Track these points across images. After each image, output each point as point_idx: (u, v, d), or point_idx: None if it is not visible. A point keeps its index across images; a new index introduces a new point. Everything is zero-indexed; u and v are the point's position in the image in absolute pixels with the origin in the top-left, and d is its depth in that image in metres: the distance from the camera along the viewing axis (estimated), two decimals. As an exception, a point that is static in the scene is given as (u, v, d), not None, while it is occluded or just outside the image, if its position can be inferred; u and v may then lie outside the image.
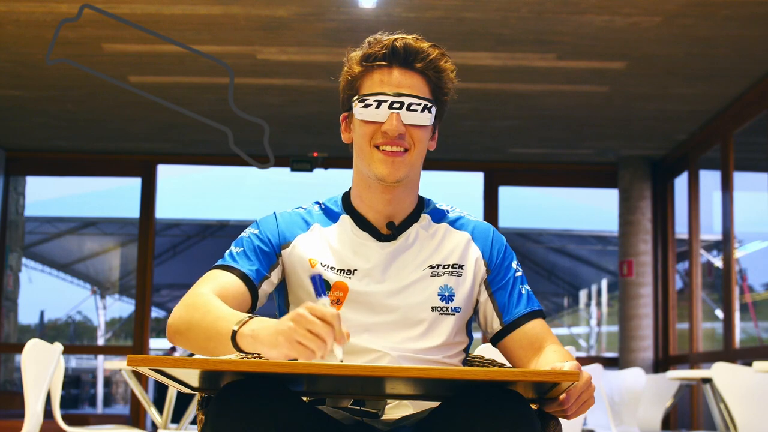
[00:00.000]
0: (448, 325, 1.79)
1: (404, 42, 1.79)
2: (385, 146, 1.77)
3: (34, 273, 14.27)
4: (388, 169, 1.77)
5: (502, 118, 7.01)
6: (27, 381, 3.55)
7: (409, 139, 1.78)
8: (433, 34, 5.29)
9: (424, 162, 1.88)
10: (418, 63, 1.79)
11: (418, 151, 1.80)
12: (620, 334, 7.90)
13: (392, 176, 1.78)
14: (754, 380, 3.87)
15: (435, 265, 1.82)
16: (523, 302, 1.86)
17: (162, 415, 4.72)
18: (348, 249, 1.82)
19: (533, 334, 1.83)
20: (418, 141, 1.79)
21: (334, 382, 1.53)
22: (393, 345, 1.75)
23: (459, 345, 1.84)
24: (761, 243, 8.42)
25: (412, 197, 1.88)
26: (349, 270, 1.80)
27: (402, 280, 1.80)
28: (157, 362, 1.38)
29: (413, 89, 1.78)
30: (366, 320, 1.76)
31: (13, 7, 5.01)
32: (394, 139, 1.77)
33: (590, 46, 5.50)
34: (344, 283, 1.78)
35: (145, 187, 8.16)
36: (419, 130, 1.79)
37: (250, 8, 5.04)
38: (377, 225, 1.85)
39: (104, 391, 16.06)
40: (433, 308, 1.79)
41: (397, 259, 1.82)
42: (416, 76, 1.79)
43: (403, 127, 1.77)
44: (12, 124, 7.42)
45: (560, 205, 13.36)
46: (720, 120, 6.70)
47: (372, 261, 1.80)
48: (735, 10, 4.92)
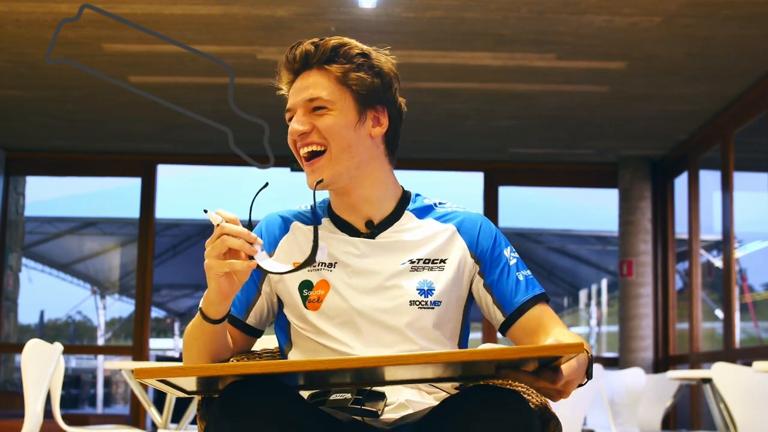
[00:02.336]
0: (428, 319, 1.78)
1: (301, 48, 1.81)
2: (301, 149, 1.79)
3: (34, 273, 14.28)
4: (310, 177, 1.79)
5: (502, 118, 7.00)
6: (27, 381, 3.55)
7: (317, 134, 1.77)
8: (433, 34, 5.33)
9: (423, 162, 1.87)
10: (313, 61, 1.79)
11: (336, 145, 1.77)
12: (620, 334, 7.90)
13: (312, 183, 1.78)
14: (754, 380, 3.87)
15: (415, 260, 1.80)
16: (521, 289, 1.82)
17: (162, 415, 4.72)
18: (328, 243, 1.82)
19: (537, 320, 1.80)
20: (330, 135, 1.77)
21: (337, 375, 1.54)
22: (373, 343, 1.76)
23: (445, 340, 1.83)
24: (761, 243, 8.42)
25: (385, 193, 1.85)
26: (330, 264, 1.80)
27: (381, 274, 1.79)
28: (165, 373, 1.38)
29: (312, 87, 1.78)
30: (345, 315, 1.77)
31: (13, 7, 5.01)
32: (301, 138, 1.78)
33: (590, 46, 5.50)
34: (325, 280, 1.79)
35: (145, 187, 8.16)
36: (325, 123, 1.77)
37: (250, 8, 5.04)
38: (356, 225, 1.84)
39: (104, 391, 16.04)
40: (411, 302, 1.77)
41: (377, 254, 1.81)
42: (318, 73, 1.79)
43: (308, 125, 1.77)
44: (12, 124, 7.42)
45: (560, 205, 13.37)
46: (720, 120, 6.70)
47: (351, 256, 1.80)
48: (735, 10, 4.92)
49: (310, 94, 1.78)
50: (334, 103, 1.77)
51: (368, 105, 1.80)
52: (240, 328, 1.86)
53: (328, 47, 1.79)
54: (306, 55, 1.80)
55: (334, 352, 1.76)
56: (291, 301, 1.81)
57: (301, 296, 1.80)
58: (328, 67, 1.78)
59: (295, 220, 1.88)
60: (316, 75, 1.79)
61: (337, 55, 1.79)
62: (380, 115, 1.82)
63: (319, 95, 1.77)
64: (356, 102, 1.79)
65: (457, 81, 6.17)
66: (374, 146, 1.82)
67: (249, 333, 1.87)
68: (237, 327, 1.85)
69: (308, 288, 1.79)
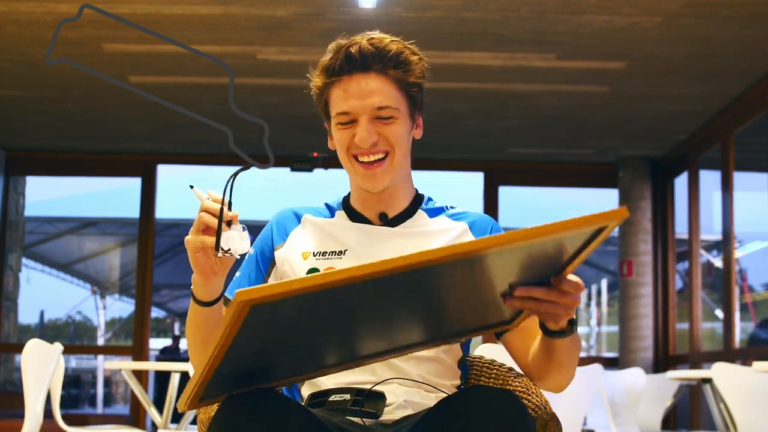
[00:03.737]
0: None
1: (359, 47, 1.76)
2: (362, 157, 1.78)
3: (34, 273, 14.29)
4: (371, 182, 1.79)
5: (502, 118, 7.00)
6: (27, 381, 3.55)
7: (385, 142, 1.77)
8: (433, 34, 5.33)
9: (423, 162, 1.89)
10: (376, 65, 1.76)
11: (399, 151, 1.79)
12: (620, 334, 7.90)
13: (377, 187, 1.79)
14: (754, 380, 3.87)
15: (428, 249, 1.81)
16: None
17: (162, 415, 4.72)
18: (340, 232, 1.85)
19: (530, 323, 1.76)
20: (396, 142, 1.78)
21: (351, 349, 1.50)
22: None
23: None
24: (761, 243, 8.42)
25: (406, 190, 1.88)
26: (339, 251, 1.82)
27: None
28: (269, 290, 1.23)
29: (378, 93, 1.75)
30: None
31: (13, 7, 5.01)
32: (369, 149, 1.77)
33: (590, 46, 5.50)
34: (332, 267, 1.80)
35: (145, 187, 8.16)
36: (394, 132, 1.77)
37: (250, 8, 5.04)
38: (370, 218, 1.87)
39: (104, 391, 16.05)
40: None
41: (389, 242, 1.83)
42: (378, 78, 1.76)
43: (375, 135, 1.76)
44: (12, 124, 7.42)
45: (560, 205, 13.37)
46: (720, 120, 6.70)
47: (364, 243, 1.82)
48: (735, 10, 4.92)
49: (379, 101, 1.75)
50: (399, 111, 1.77)
51: (417, 110, 1.83)
52: None
53: (391, 52, 1.76)
54: (368, 56, 1.75)
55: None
56: None
57: None
58: (392, 72, 1.76)
59: (307, 213, 1.91)
60: (377, 80, 1.76)
61: (399, 62, 1.77)
62: (420, 118, 1.86)
63: (388, 104, 1.75)
64: (410, 108, 1.81)
65: (457, 81, 6.17)
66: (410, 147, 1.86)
67: None
68: None
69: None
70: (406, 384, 1.75)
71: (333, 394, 1.74)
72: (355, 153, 1.78)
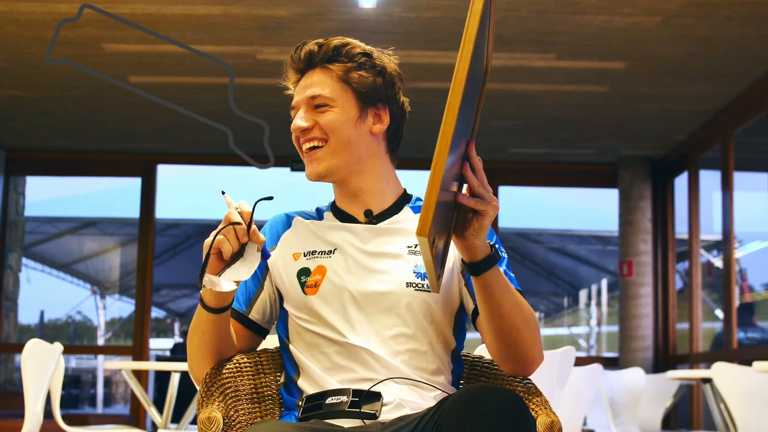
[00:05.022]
0: (424, 301, 1.80)
1: (306, 49, 1.88)
2: (304, 144, 1.86)
3: (34, 273, 14.27)
4: (308, 168, 1.88)
5: (502, 118, 7.00)
6: (27, 381, 3.55)
7: (319, 130, 1.84)
8: (433, 34, 5.33)
9: (423, 162, 1.89)
10: (318, 60, 1.87)
11: (337, 139, 1.84)
12: (620, 334, 7.91)
13: (312, 174, 1.87)
14: (754, 380, 3.87)
15: (413, 245, 1.85)
16: None
17: (162, 415, 4.71)
18: (327, 233, 1.89)
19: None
20: (330, 130, 1.83)
21: None
22: (368, 324, 1.79)
23: (440, 323, 1.83)
24: (761, 243, 8.42)
25: (386, 188, 1.91)
26: (329, 251, 1.86)
27: (379, 257, 1.84)
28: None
29: (316, 85, 1.85)
30: (342, 297, 1.81)
31: (13, 7, 5.01)
32: (304, 135, 1.85)
33: (590, 46, 5.50)
34: (322, 265, 1.84)
35: (145, 187, 8.16)
36: (327, 120, 1.83)
37: (250, 8, 5.04)
38: (356, 216, 1.91)
39: (104, 391, 16.03)
40: (407, 284, 1.81)
41: (376, 239, 1.86)
42: (321, 72, 1.86)
43: (309, 121, 1.84)
44: (12, 124, 7.42)
45: (560, 205, 13.37)
46: (720, 120, 6.70)
47: (351, 242, 1.86)
48: (735, 10, 4.92)
49: (312, 92, 1.85)
50: (335, 101, 1.84)
51: (369, 103, 1.87)
52: (243, 323, 1.90)
53: (331, 47, 1.87)
54: (310, 54, 1.87)
55: (330, 340, 1.80)
56: (291, 290, 1.86)
57: (300, 282, 1.85)
58: (331, 66, 1.86)
59: (298, 216, 1.96)
60: (319, 74, 1.87)
61: (340, 55, 1.86)
62: (381, 113, 1.88)
63: (321, 93, 1.84)
64: (357, 100, 1.86)
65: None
66: (375, 143, 1.89)
67: (253, 330, 1.91)
68: (240, 322, 1.90)
69: (306, 274, 1.85)
70: (400, 383, 1.76)
71: (329, 397, 1.74)
72: (299, 141, 1.87)
